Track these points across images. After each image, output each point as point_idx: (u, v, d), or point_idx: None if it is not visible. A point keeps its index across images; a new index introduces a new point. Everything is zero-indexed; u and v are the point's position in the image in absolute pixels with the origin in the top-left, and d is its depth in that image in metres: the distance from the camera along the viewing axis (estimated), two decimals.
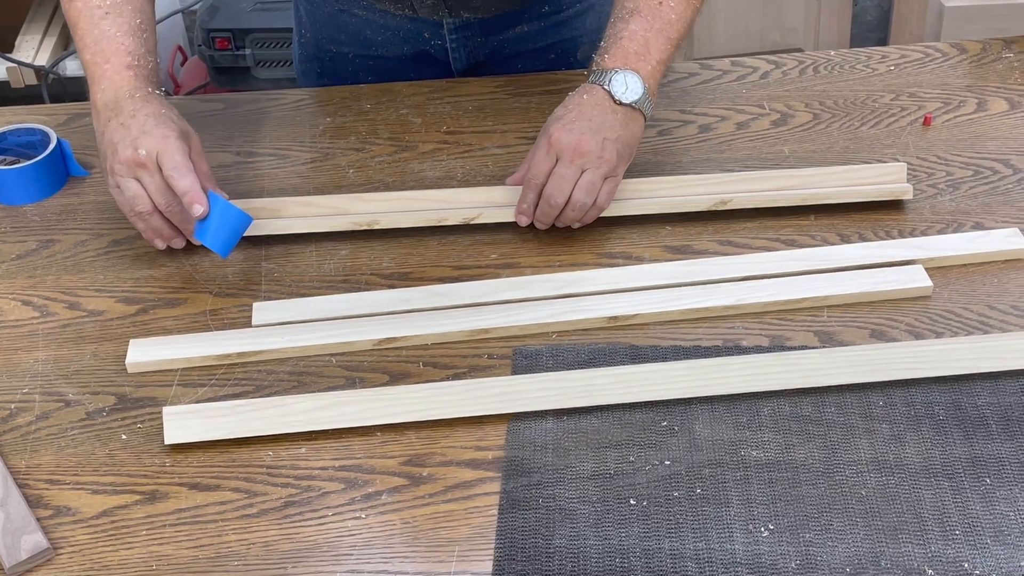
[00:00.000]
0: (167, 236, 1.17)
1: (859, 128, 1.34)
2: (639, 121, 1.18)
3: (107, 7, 1.18)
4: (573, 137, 1.14)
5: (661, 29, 1.18)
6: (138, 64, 1.17)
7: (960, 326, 1.07)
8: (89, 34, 1.18)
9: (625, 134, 1.16)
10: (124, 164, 1.12)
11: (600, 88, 1.17)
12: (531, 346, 1.08)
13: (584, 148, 1.14)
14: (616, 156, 1.15)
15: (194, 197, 1.10)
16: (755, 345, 1.07)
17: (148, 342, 1.09)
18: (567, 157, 1.14)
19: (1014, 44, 1.46)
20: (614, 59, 1.18)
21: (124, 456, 0.99)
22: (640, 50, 1.18)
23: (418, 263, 1.19)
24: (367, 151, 1.35)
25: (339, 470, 0.97)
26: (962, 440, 0.97)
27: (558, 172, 1.15)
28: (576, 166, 1.14)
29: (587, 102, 1.16)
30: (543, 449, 0.98)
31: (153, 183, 1.12)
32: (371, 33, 1.44)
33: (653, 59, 1.18)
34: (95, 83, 1.17)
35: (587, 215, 1.17)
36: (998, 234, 1.16)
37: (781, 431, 0.99)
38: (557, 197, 1.15)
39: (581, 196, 1.15)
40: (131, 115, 1.14)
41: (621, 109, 1.16)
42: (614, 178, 1.17)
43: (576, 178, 1.14)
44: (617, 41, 1.18)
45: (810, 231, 1.20)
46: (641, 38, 1.18)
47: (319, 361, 1.08)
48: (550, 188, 1.15)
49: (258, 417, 1.00)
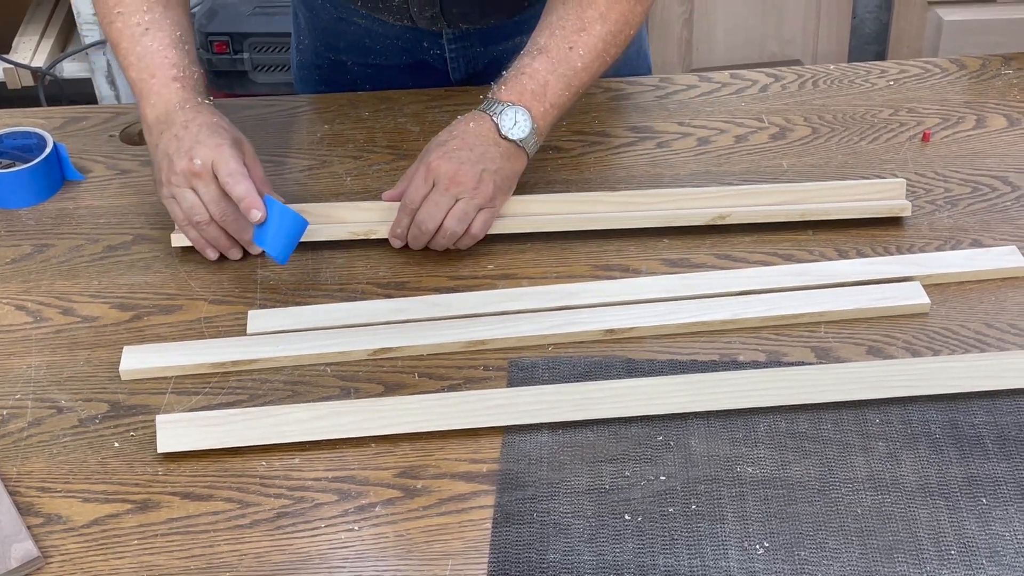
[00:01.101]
0: (223, 246, 1.17)
1: (858, 143, 1.33)
2: (521, 159, 1.18)
3: (147, 23, 1.19)
4: (451, 166, 1.14)
5: (564, 74, 1.18)
6: (184, 76, 1.18)
7: (957, 344, 1.07)
8: (132, 52, 1.19)
9: (505, 167, 1.16)
10: (180, 174, 1.13)
11: (488, 119, 1.17)
12: (527, 358, 1.08)
13: (461, 178, 1.14)
14: (493, 188, 1.15)
15: (251, 202, 1.10)
16: (752, 360, 1.07)
17: (142, 349, 1.08)
18: (443, 185, 1.14)
19: (1013, 61, 1.46)
20: (509, 93, 1.17)
21: (116, 464, 0.99)
22: (538, 89, 1.17)
23: (414, 273, 1.18)
24: (365, 159, 1.35)
25: (332, 481, 0.97)
26: (958, 459, 0.96)
27: (432, 199, 1.14)
28: (451, 194, 1.14)
29: (472, 131, 1.16)
30: (538, 463, 0.98)
31: (208, 192, 1.13)
32: (370, 41, 1.44)
33: (548, 101, 1.18)
34: (144, 99, 1.18)
35: (459, 242, 1.17)
36: (996, 251, 1.16)
37: (777, 447, 0.98)
38: (428, 223, 1.15)
39: (452, 224, 1.14)
40: (183, 126, 1.14)
41: (505, 144, 1.16)
42: (490, 209, 1.16)
43: (449, 206, 1.14)
44: (518, 76, 1.18)
45: (808, 246, 1.19)
46: (542, 78, 1.18)
47: (314, 370, 1.07)
48: (422, 214, 1.15)
49: (251, 427, 0.99)
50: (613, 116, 1.40)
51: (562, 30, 1.19)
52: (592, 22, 1.19)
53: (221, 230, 1.15)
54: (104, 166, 1.34)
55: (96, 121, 1.41)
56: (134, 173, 1.33)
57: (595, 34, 1.19)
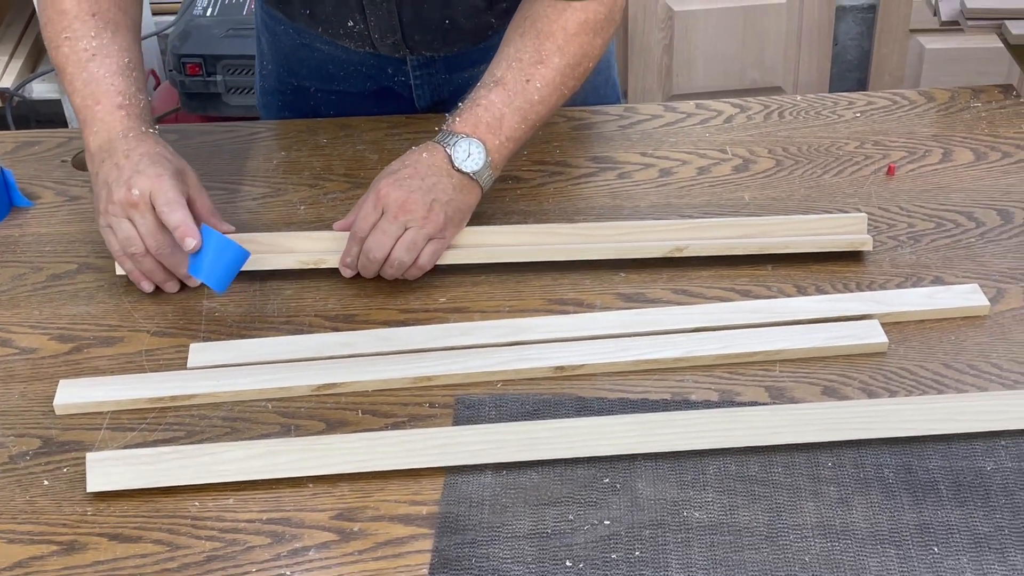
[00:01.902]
0: (159, 279, 1.15)
1: (821, 176, 1.31)
2: (475, 191, 1.16)
3: (93, 49, 1.17)
4: (401, 194, 1.12)
5: (520, 107, 1.16)
6: (129, 103, 1.16)
7: (914, 385, 1.05)
8: (78, 78, 1.17)
9: (457, 199, 1.14)
10: (117, 204, 1.10)
11: (442, 149, 1.15)
12: (474, 395, 1.05)
13: (410, 207, 1.11)
14: (444, 219, 1.13)
15: (185, 231, 1.08)
16: (704, 400, 1.04)
17: (78, 383, 1.06)
18: (392, 213, 1.12)
19: (982, 94, 1.44)
20: (464, 124, 1.16)
21: (44, 503, 0.96)
22: (493, 122, 1.15)
23: (364, 305, 1.16)
24: (320, 187, 1.32)
25: (266, 523, 0.94)
26: (911, 505, 0.94)
27: (380, 227, 1.12)
28: (400, 223, 1.12)
29: (424, 160, 1.14)
30: (479, 505, 0.95)
31: (145, 224, 1.10)
32: (333, 68, 1.42)
33: (504, 134, 1.16)
34: (87, 126, 1.16)
35: (407, 272, 1.15)
36: (958, 289, 1.14)
37: (726, 491, 0.95)
38: (376, 252, 1.13)
39: (400, 254, 1.12)
40: (124, 155, 1.12)
41: (457, 175, 1.14)
42: (440, 239, 1.14)
43: (398, 234, 1.12)
44: (473, 107, 1.16)
45: (766, 282, 1.17)
46: (498, 111, 1.16)
47: (255, 407, 1.04)
48: (371, 242, 1.13)
49: (184, 465, 0.96)
50: (575, 145, 1.37)
51: (519, 62, 1.18)
52: (550, 55, 1.17)
53: (157, 263, 1.13)
54: (54, 192, 1.32)
55: (49, 146, 1.39)
56: (83, 200, 1.30)
57: (553, 67, 1.18)
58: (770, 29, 2.78)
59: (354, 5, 1.28)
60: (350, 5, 1.28)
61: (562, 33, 1.18)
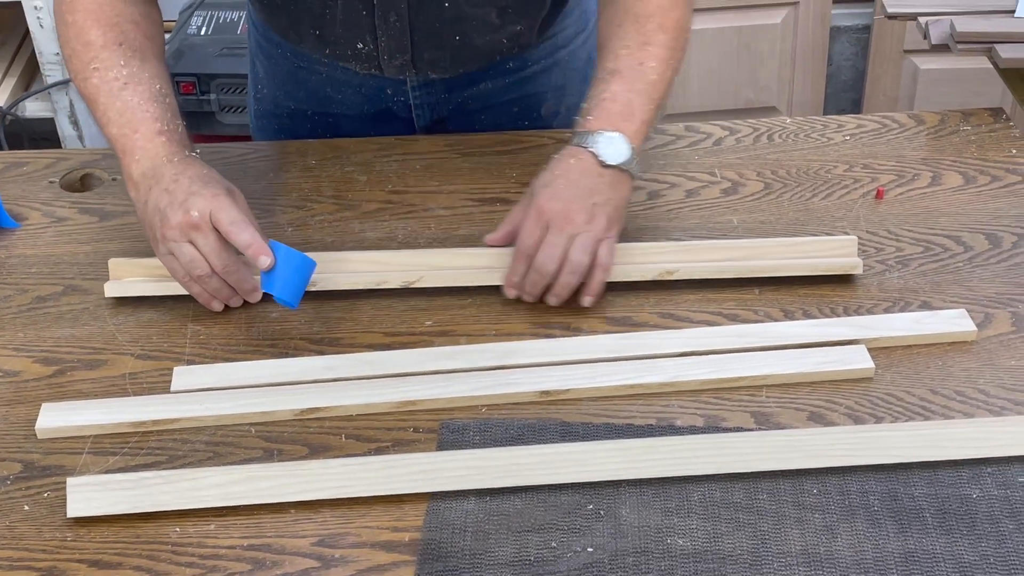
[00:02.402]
0: (225, 297, 1.15)
1: (810, 199, 1.31)
2: (627, 182, 1.16)
3: (124, 78, 1.16)
4: (561, 205, 1.12)
5: (643, 89, 1.17)
6: (168, 129, 1.16)
7: (901, 411, 1.04)
8: (112, 107, 1.16)
9: (614, 197, 1.15)
10: (177, 228, 1.09)
11: (586, 151, 1.15)
12: (458, 420, 1.05)
13: (574, 217, 1.12)
14: (607, 220, 1.14)
15: (258, 249, 1.08)
16: (689, 425, 1.04)
17: (61, 406, 1.05)
18: (557, 226, 1.12)
19: (972, 117, 1.44)
20: (598, 120, 1.16)
21: (24, 529, 0.95)
22: (623, 111, 1.16)
23: (349, 328, 1.15)
24: (308, 208, 1.32)
25: (247, 549, 0.93)
26: (896, 533, 0.93)
27: (548, 240, 1.12)
28: (566, 234, 1.12)
29: (574, 167, 1.14)
30: (462, 532, 0.94)
31: (208, 244, 1.10)
32: (331, 91, 1.41)
33: (637, 119, 1.17)
34: (127, 155, 1.15)
35: (593, 280, 1.13)
36: (945, 315, 1.13)
37: (710, 518, 0.95)
38: (548, 265, 1.12)
39: (577, 255, 1.12)
40: (174, 180, 1.11)
41: (608, 172, 1.14)
42: (609, 240, 1.14)
43: (567, 245, 1.12)
44: (600, 102, 1.17)
45: (754, 306, 1.16)
46: (624, 99, 1.16)
47: (237, 431, 1.04)
48: (541, 257, 1.12)
49: (166, 491, 0.96)
50: None
51: (627, 49, 1.19)
52: (654, 33, 1.19)
53: (223, 281, 1.12)
54: (41, 213, 1.31)
55: (36, 167, 1.39)
56: (70, 221, 1.30)
57: (660, 44, 1.19)
58: (765, 49, 2.78)
59: (366, 26, 1.27)
60: (362, 26, 1.28)
61: (659, 12, 1.19)
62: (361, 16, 1.25)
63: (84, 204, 1.33)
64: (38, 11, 2.19)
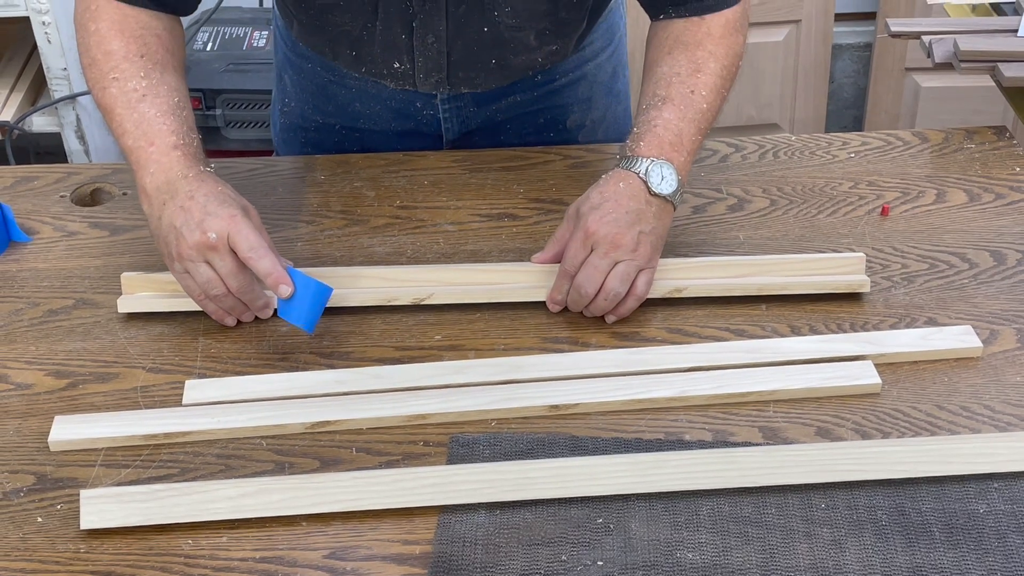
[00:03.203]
0: (239, 313, 1.16)
1: (816, 216, 1.32)
2: (670, 213, 1.18)
3: (143, 89, 1.16)
4: (610, 230, 1.13)
5: (693, 119, 1.18)
6: (184, 143, 1.15)
7: (908, 426, 1.05)
8: (128, 119, 1.16)
9: (658, 226, 1.16)
10: (194, 248, 1.10)
11: (636, 177, 1.16)
12: (468, 434, 1.05)
13: (620, 241, 1.13)
14: (651, 249, 1.15)
15: (278, 278, 1.09)
16: (698, 440, 1.05)
17: (73, 419, 1.06)
18: (602, 249, 1.13)
19: (976, 135, 1.45)
20: (649, 148, 1.17)
21: (38, 540, 0.96)
22: (675, 140, 1.17)
23: (359, 343, 1.16)
24: (317, 224, 1.33)
25: (259, 562, 0.94)
26: (904, 548, 0.94)
27: (591, 262, 1.13)
28: (610, 258, 1.13)
29: (623, 191, 1.15)
30: (472, 545, 0.95)
31: (225, 266, 1.10)
32: (361, 105, 1.42)
33: (686, 149, 1.18)
34: (141, 168, 1.14)
35: (624, 306, 1.15)
36: (951, 331, 1.14)
37: (719, 532, 0.95)
38: (588, 287, 1.14)
39: (615, 285, 1.13)
40: (189, 196, 1.11)
41: (656, 201, 1.15)
42: (649, 270, 1.16)
43: (608, 269, 1.14)
44: (651, 129, 1.18)
45: (761, 321, 1.17)
46: (675, 127, 1.17)
47: (249, 444, 1.05)
48: (581, 278, 1.14)
49: (178, 503, 0.96)
50: (571, 184, 1.38)
51: (678, 76, 1.20)
52: (705, 61, 1.20)
53: (237, 300, 1.13)
54: (52, 227, 1.32)
55: (47, 181, 1.40)
56: (81, 235, 1.31)
57: (711, 72, 1.20)
58: (767, 67, 2.80)
59: (403, 47, 1.28)
60: (399, 47, 1.28)
61: (709, 40, 1.21)
62: (400, 38, 1.26)
63: (94, 218, 1.33)
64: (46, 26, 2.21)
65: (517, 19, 1.23)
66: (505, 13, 1.22)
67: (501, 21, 1.23)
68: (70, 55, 2.27)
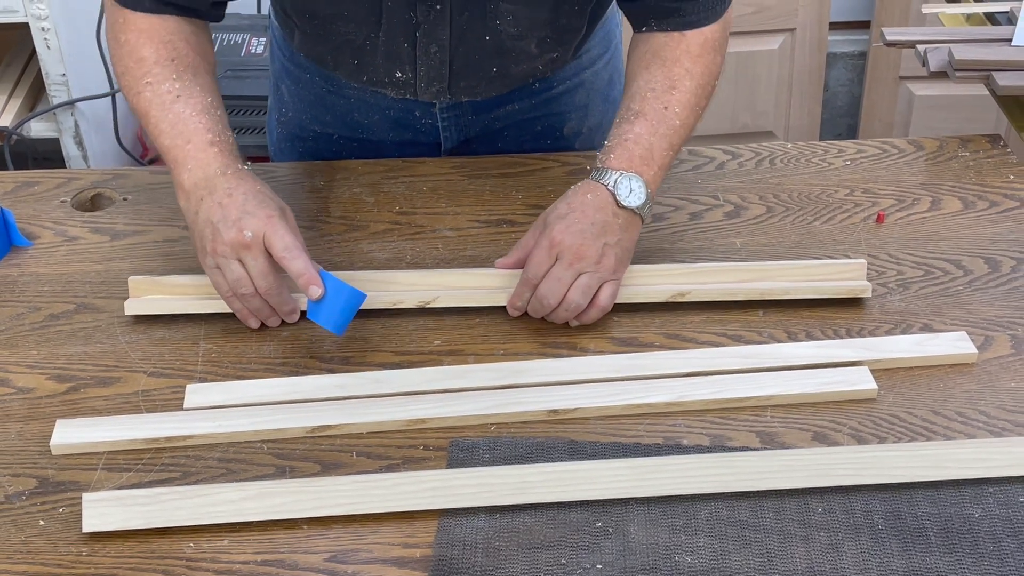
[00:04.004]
0: (265, 316, 1.16)
1: (812, 223, 1.33)
2: (638, 226, 1.18)
3: (177, 91, 1.18)
4: (575, 240, 1.14)
5: (665, 134, 1.19)
6: (220, 140, 1.17)
7: (904, 431, 1.06)
8: (164, 120, 1.17)
9: (624, 238, 1.17)
10: (228, 246, 1.11)
11: (604, 189, 1.16)
12: (468, 438, 1.06)
13: (584, 252, 1.13)
14: (616, 261, 1.16)
15: (310, 279, 1.10)
16: (696, 444, 1.05)
17: (75, 423, 1.06)
18: (566, 260, 1.14)
19: (970, 143, 1.47)
20: (619, 160, 1.18)
21: (40, 543, 0.96)
22: (645, 154, 1.18)
23: (360, 347, 1.17)
24: (317, 229, 1.33)
25: (261, 564, 0.94)
26: (900, 552, 0.94)
27: (554, 273, 1.14)
28: (574, 269, 1.14)
29: (590, 203, 1.16)
30: (472, 548, 0.95)
31: (257, 266, 1.11)
32: (359, 115, 1.43)
33: (656, 164, 1.19)
34: (179, 165, 1.16)
35: (587, 315, 1.16)
36: (946, 337, 1.15)
37: (717, 536, 0.96)
38: (550, 298, 1.14)
39: (576, 297, 1.14)
40: (227, 193, 1.13)
41: (623, 213, 1.16)
42: (614, 281, 1.16)
43: (572, 280, 1.14)
44: (622, 142, 1.19)
45: (758, 327, 1.18)
46: (646, 142, 1.18)
47: (250, 448, 1.05)
48: (544, 288, 1.14)
49: (180, 506, 0.97)
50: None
51: (653, 92, 1.21)
52: (680, 79, 1.21)
53: (265, 302, 1.14)
54: (52, 232, 1.33)
55: (48, 186, 1.40)
56: (82, 240, 1.31)
57: (686, 90, 1.21)
58: (762, 75, 2.81)
59: (406, 56, 1.29)
60: (401, 57, 1.29)
61: (687, 57, 1.22)
62: (402, 48, 1.27)
63: (95, 223, 1.34)
64: (45, 32, 2.21)
65: (519, 27, 1.24)
66: (507, 22, 1.23)
67: (503, 30, 1.24)
68: (69, 61, 2.27)
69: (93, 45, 2.34)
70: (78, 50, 2.32)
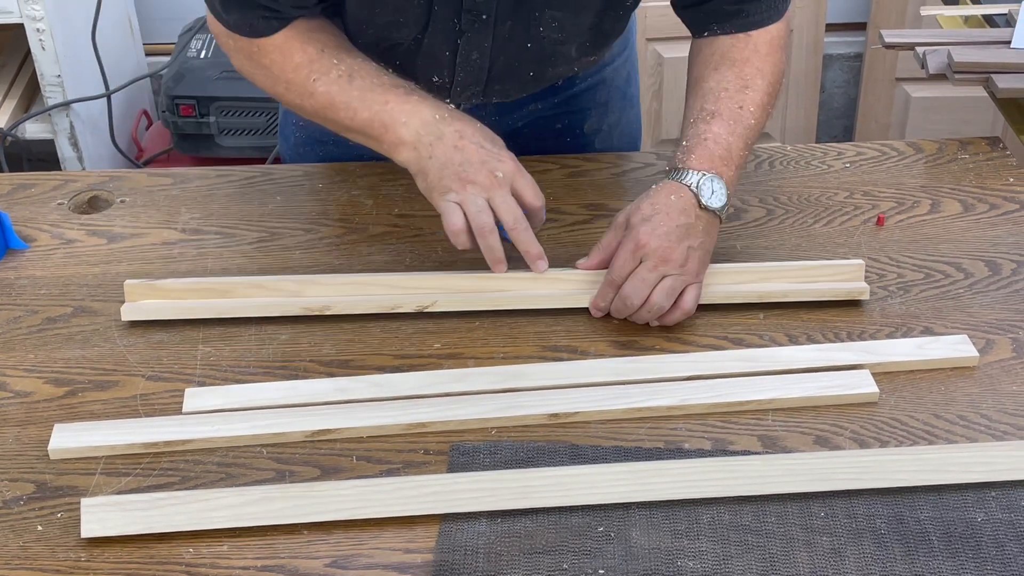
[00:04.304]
0: (496, 257, 1.17)
1: (812, 225, 1.33)
2: (717, 227, 1.19)
3: (346, 72, 1.19)
4: (660, 243, 1.14)
5: (742, 134, 1.20)
6: (413, 89, 1.19)
7: (905, 435, 1.06)
8: (352, 98, 1.18)
9: (707, 241, 1.17)
10: (480, 186, 1.14)
11: (687, 190, 1.16)
12: (468, 442, 1.06)
13: (670, 256, 1.14)
14: (699, 264, 1.16)
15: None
16: (697, 448, 1.05)
17: (73, 427, 1.06)
18: (651, 263, 1.14)
19: (970, 146, 1.46)
20: (700, 161, 1.17)
21: (38, 549, 0.96)
22: (724, 154, 1.18)
23: (359, 351, 1.16)
24: (316, 232, 1.33)
25: (261, 570, 0.94)
26: (903, 556, 0.94)
27: (639, 274, 1.14)
28: (658, 272, 1.14)
29: (674, 204, 1.16)
30: (474, 553, 0.95)
31: (507, 202, 1.15)
32: None
33: (734, 164, 1.19)
34: (391, 126, 1.17)
35: (669, 317, 1.16)
36: (947, 340, 1.15)
37: (719, 541, 0.96)
38: (634, 299, 1.14)
39: (660, 299, 1.14)
40: (459, 137, 1.16)
41: (705, 215, 1.16)
42: (696, 284, 1.16)
43: (656, 282, 1.14)
44: (702, 142, 1.18)
45: (758, 330, 1.18)
46: (725, 142, 1.18)
47: (249, 452, 1.05)
48: (628, 289, 1.14)
49: (179, 511, 0.96)
50: (568, 193, 1.39)
51: (726, 92, 1.21)
52: (752, 78, 1.22)
53: (496, 242, 1.15)
54: (49, 235, 1.32)
55: (45, 189, 1.40)
56: (79, 243, 1.31)
57: (758, 89, 1.22)
58: None
59: (445, 62, 1.28)
60: (441, 62, 1.28)
61: (756, 56, 1.22)
62: (443, 54, 1.26)
63: (92, 226, 1.33)
64: (40, 33, 2.20)
65: (563, 33, 1.24)
66: (551, 28, 1.23)
67: (546, 36, 1.24)
68: (64, 62, 2.26)
69: (88, 46, 2.33)
70: (73, 51, 2.31)
